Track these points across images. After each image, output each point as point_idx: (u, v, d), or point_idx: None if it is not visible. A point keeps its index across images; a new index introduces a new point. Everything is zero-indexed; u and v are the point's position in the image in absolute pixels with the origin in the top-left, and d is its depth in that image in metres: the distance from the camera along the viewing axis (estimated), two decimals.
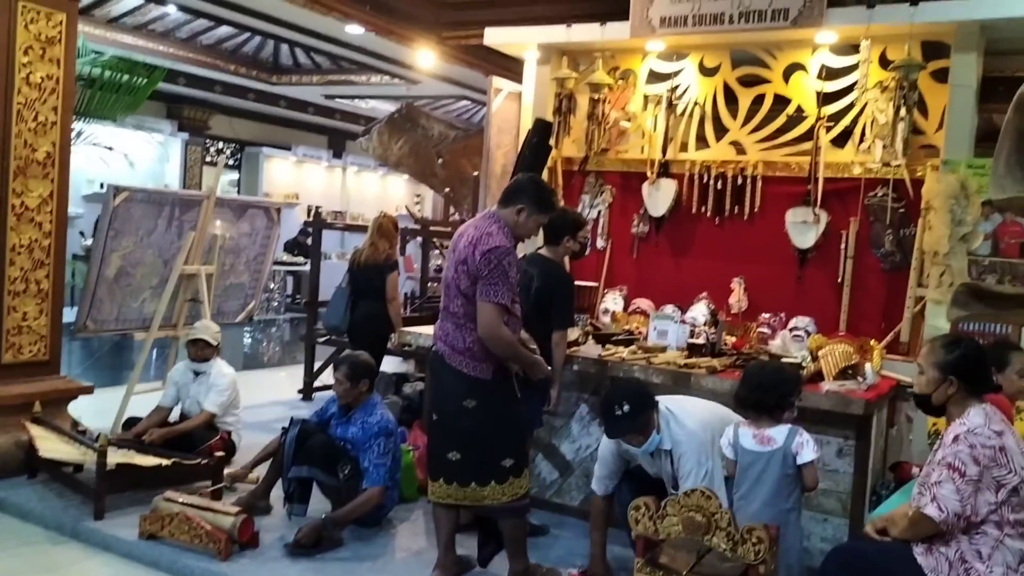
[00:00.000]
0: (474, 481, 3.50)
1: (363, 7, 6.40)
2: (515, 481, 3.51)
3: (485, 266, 3.36)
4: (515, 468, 3.52)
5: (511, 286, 3.41)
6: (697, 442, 3.35)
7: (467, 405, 3.50)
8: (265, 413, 6.65)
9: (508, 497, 3.50)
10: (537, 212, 3.54)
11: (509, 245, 3.43)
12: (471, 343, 3.46)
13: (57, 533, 4.14)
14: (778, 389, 3.21)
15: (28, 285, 4.74)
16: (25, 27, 4.56)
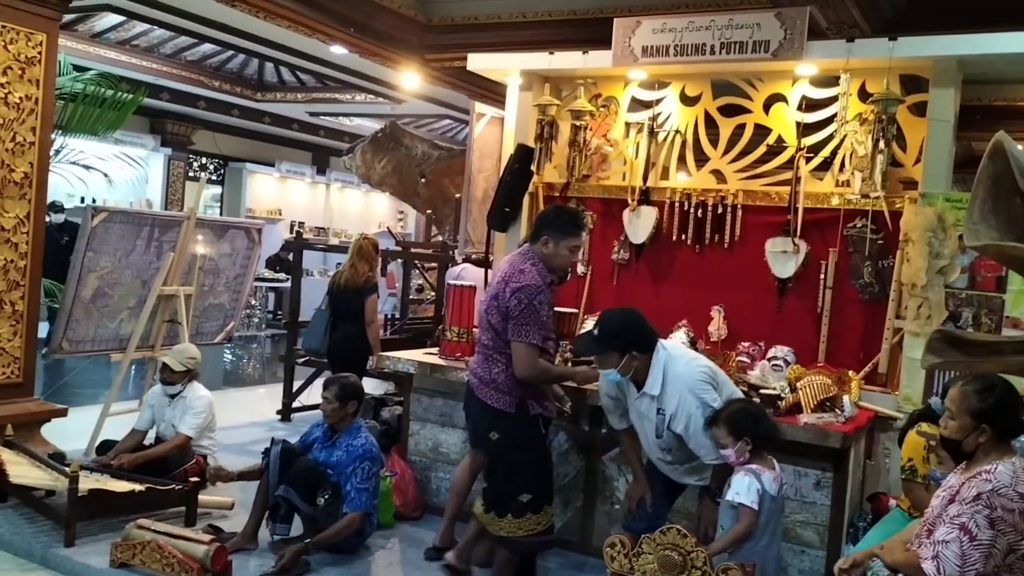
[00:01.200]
0: (494, 511, 3.64)
1: (347, 29, 6.40)
2: (532, 517, 3.59)
3: (516, 305, 3.49)
4: (533, 504, 3.59)
5: (542, 325, 3.52)
6: (688, 383, 3.29)
7: (491, 437, 3.66)
8: (242, 435, 6.58)
9: (524, 532, 3.60)
10: (562, 236, 3.62)
11: (541, 283, 3.55)
12: (496, 375, 3.60)
13: (27, 560, 4.06)
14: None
15: (3, 306, 4.70)
16: (4, 47, 4.54)
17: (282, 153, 15.89)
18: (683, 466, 3.44)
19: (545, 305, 3.56)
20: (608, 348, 3.32)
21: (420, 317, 7.69)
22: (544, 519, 3.64)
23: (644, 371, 3.32)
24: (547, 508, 3.67)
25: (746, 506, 3.04)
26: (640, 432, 3.51)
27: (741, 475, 3.12)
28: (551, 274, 3.66)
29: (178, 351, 5.12)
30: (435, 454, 4.96)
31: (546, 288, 3.60)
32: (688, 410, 3.24)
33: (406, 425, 5.11)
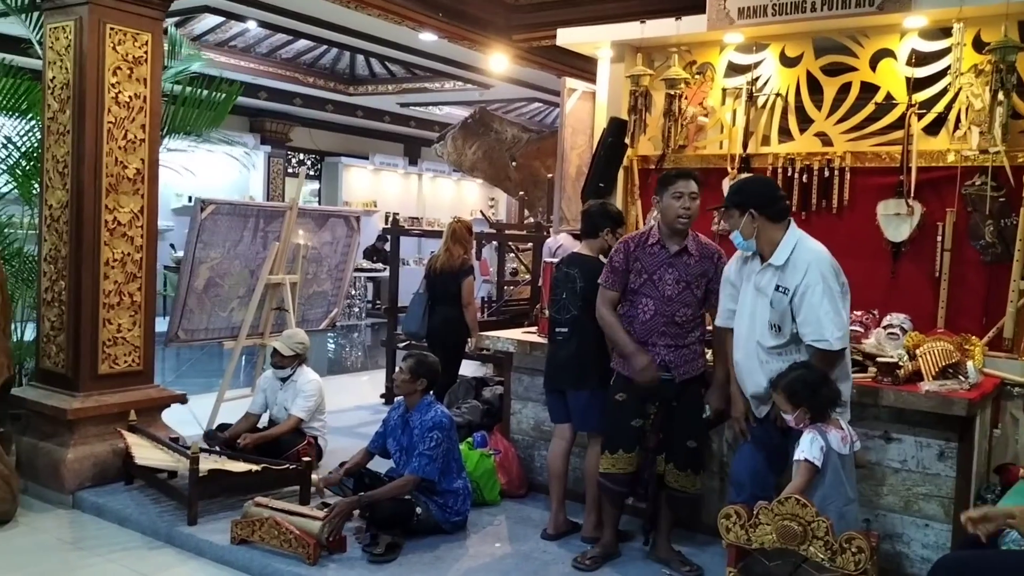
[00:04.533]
0: None
1: (435, 15, 6.43)
2: (603, 456, 3.91)
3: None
4: (605, 444, 3.92)
5: (615, 271, 3.85)
6: (818, 258, 3.27)
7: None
8: (349, 418, 6.76)
9: (602, 468, 3.92)
10: (663, 189, 3.81)
11: (628, 239, 3.90)
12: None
13: (153, 538, 4.26)
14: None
15: (122, 298, 4.90)
16: (113, 48, 4.72)
17: (375, 146, 16.18)
18: (780, 355, 3.34)
19: (621, 255, 3.84)
20: (729, 204, 3.44)
21: (516, 299, 7.70)
22: (604, 462, 3.87)
23: (770, 243, 3.34)
24: (608, 454, 3.87)
25: (808, 461, 2.97)
26: (746, 327, 3.44)
27: (807, 432, 3.06)
28: (671, 229, 3.79)
29: (287, 336, 5.27)
30: (537, 432, 4.95)
31: (635, 242, 3.85)
32: (810, 283, 3.22)
33: (507, 404, 5.12)
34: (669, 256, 3.81)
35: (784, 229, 3.34)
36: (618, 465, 3.84)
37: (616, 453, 3.84)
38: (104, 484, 4.72)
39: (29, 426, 4.89)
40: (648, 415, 3.82)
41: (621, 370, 3.86)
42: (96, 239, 4.75)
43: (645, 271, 3.80)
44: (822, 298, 3.17)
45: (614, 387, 3.90)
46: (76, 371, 4.77)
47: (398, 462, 4.31)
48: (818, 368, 3.14)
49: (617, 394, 3.87)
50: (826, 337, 3.17)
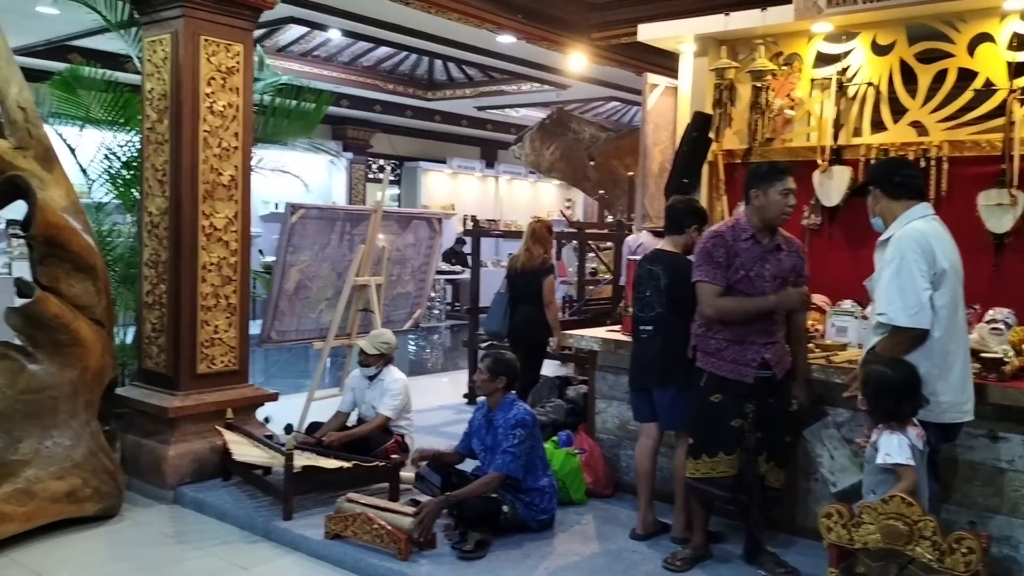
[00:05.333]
0: None
1: (514, 16, 6.46)
2: (692, 460, 3.83)
3: (696, 252, 3.81)
4: (692, 448, 3.84)
5: (718, 265, 3.68)
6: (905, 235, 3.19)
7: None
8: (433, 417, 6.84)
9: (687, 472, 3.87)
10: (769, 184, 3.71)
11: (724, 230, 3.77)
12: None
13: (250, 532, 4.39)
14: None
15: (218, 300, 5.07)
16: (207, 59, 4.89)
17: (453, 150, 16.36)
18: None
19: (722, 248, 3.69)
20: (865, 184, 3.53)
21: (597, 298, 7.66)
22: (702, 467, 3.77)
23: (890, 220, 3.31)
24: (705, 458, 3.75)
25: (903, 464, 2.88)
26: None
27: (887, 434, 2.96)
28: (767, 223, 3.72)
29: (373, 336, 5.36)
30: (623, 432, 4.92)
31: (732, 235, 3.73)
32: (889, 259, 3.17)
33: (592, 403, 5.10)
34: (763, 251, 3.73)
35: (905, 208, 3.28)
36: (719, 468, 3.73)
37: (716, 456, 3.73)
38: (203, 480, 4.89)
39: (132, 424, 5.10)
40: (746, 414, 3.72)
41: (714, 370, 3.74)
42: (194, 244, 4.93)
43: (743, 267, 3.69)
44: (895, 273, 3.12)
45: (707, 388, 3.76)
46: (176, 371, 4.96)
47: (483, 461, 4.34)
48: (898, 371, 3.03)
49: (712, 395, 3.74)
50: (885, 310, 3.12)
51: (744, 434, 3.73)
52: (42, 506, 4.19)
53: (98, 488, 4.41)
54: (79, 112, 5.91)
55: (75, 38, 9.18)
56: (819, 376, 3.98)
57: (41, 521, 4.19)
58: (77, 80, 5.83)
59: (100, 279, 4.59)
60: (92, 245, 4.59)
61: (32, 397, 4.24)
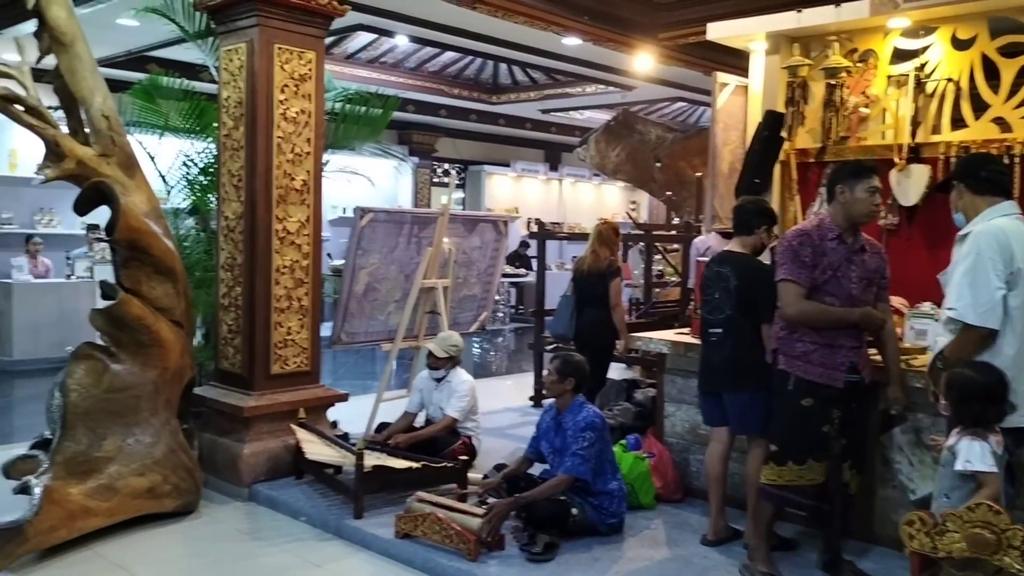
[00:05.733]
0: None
1: (580, 18, 6.45)
2: (774, 467, 3.69)
3: (778, 251, 3.69)
4: (775, 455, 3.69)
5: (803, 265, 3.56)
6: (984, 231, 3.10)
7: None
8: (499, 419, 6.86)
9: (765, 479, 3.70)
10: (856, 181, 3.61)
11: (808, 229, 3.65)
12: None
13: (323, 530, 4.47)
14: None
15: (291, 302, 5.18)
16: (281, 67, 5.00)
17: (516, 153, 16.40)
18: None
19: (808, 248, 3.57)
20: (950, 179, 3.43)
21: (664, 301, 7.59)
22: (787, 474, 3.64)
23: (972, 216, 3.23)
24: (792, 465, 3.62)
25: (985, 472, 2.80)
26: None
27: (969, 440, 2.86)
28: (852, 223, 3.63)
29: (441, 339, 5.41)
30: (693, 436, 4.86)
31: (818, 235, 3.60)
32: (964, 254, 3.08)
33: (660, 406, 5.06)
34: (849, 251, 3.62)
35: (990, 204, 3.18)
36: (807, 476, 3.61)
37: (804, 463, 3.60)
38: (276, 478, 5.00)
39: (209, 423, 5.24)
40: (833, 420, 3.59)
41: (802, 374, 3.60)
42: (268, 247, 5.04)
43: (830, 267, 3.58)
44: (969, 269, 3.02)
45: (796, 392, 3.61)
46: (251, 371, 5.08)
47: (552, 463, 4.33)
48: (985, 376, 2.92)
49: (802, 400, 3.59)
50: (955, 305, 3.03)
51: (831, 440, 3.61)
52: (124, 501, 4.33)
53: (177, 485, 4.54)
54: (158, 120, 6.12)
55: (153, 49, 9.49)
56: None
57: (123, 516, 4.33)
58: (156, 89, 6.03)
59: (180, 282, 4.73)
60: (172, 249, 4.74)
61: (115, 396, 4.39)
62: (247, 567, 4.06)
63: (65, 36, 4.46)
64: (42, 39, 4.53)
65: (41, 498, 3.94)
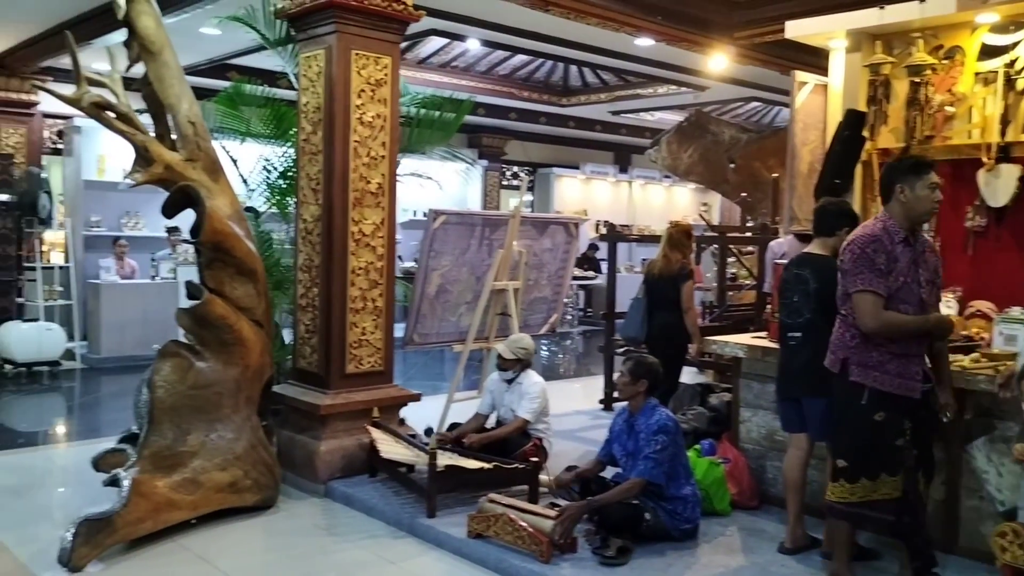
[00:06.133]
0: (830, 476, 3.66)
1: (654, 18, 6.41)
2: (845, 484, 3.50)
3: (848, 258, 3.48)
4: (847, 472, 3.50)
5: (880, 273, 3.41)
6: None
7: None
8: (570, 422, 6.85)
9: (835, 497, 3.53)
10: (916, 177, 3.48)
11: (877, 233, 3.47)
12: (832, 335, 3.62)
13: (396, 528, 4.53)
14: None
15: (366, 303, 5.27)
16: (358, 72, 5.09)
17: (586, 155, 16.36)
18: None
19: (882, 254, 3.41)
20: None
21: (739, 304, 7.47)
22: (860, 490, 3.48)
23: None
24: (865, 481, 3.47)
25: None
26: None
27: None
28: (914, 222, 3.51)
29: (511, 341, 5.43)
30: (770, 442, 4.77)
31: (888, 239, 3.44)
32: None
33: (736, 412, 4.98)
34: (915, 254, 3.50)
35: None
36: (881, 491, 3.46)
37: (877, 478, 3.46)
38: (351, 476, 5.09)
39: (287, 420, 5.36)
40: (905, 431, 3.47)
41: (878, 385, 3.44)
42: (344, 249, 5.14)
43: (902, 273, 3.44)
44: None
45: (870, 406, 3.45)
46: (327, 370, 5.18)
47: (624, 467, 4.31)
48: None
49: (876, 413, 3.44)
50: None
51: (904, 452, 3.49)
52: (207, 495, 4.46)
53: (257, 480, 4.66)
54: (240, 126, 6.30)
55: (233, 57, 9.78)
56: (986, 388, 3.73)
57: (206, 509, 4.47)
58: (239, 96, 6.22)
59: (260, 282, 4.86)
60: (253, 251, 4.87)
61: (199, 392, 4.53)
62: (325, 562, 4.14)
63: (154, 45, 4.64)
64: (131, 48, 4.71)
65: (129, 490, 4.09)
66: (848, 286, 3.48)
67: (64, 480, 5.74)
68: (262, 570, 4.11)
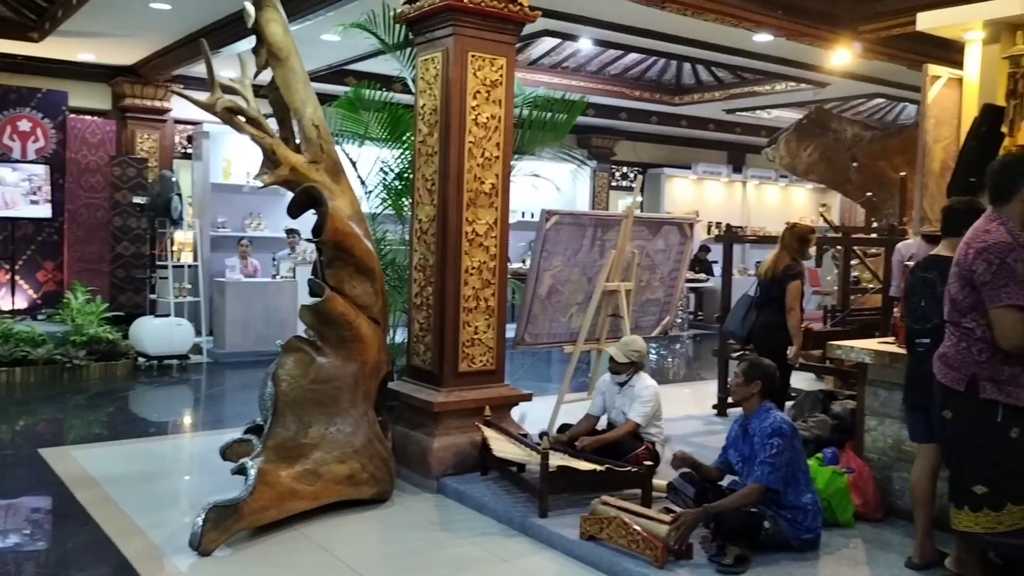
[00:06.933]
0: (952, 501, 3.35)
1: (774, 13, 6.22)
2: (991, 513, 3.20)
3: (985, 269, 3.19)
4: (990, 498, 3.21)
5: (1022, 285, 3.13)
6: None
7: (945, 416, 3.41)
8: (682, 427, 6.72)
9: (981, 528, 3.24)
10: None
11: (1011, 241, 3.18)
12: (947, 348, 3.39)
13: (508, 526, 4.55)
14: None
15: (479, 303, 5.32)
16: (473, 74, 5.15)
17: (698, 155, 16.09)
18: None
19: (1020, 263, 3.16)
20: None
21: (862, 308, 7.17)
22: (1008, 518, 3.22)
23: None
24: (1012, 507, 3.21)
25: None
26: None
27: None
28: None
29: (623, 343, 5.37)
30: (896, 452, 4.55)
31: (1019, 247, 3.20)
32: None
33: (860, 420, 4.77)
34: None
35: None
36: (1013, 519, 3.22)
37: (1020, 505, 3.21)
38: (462, 473, 5.14)
39: (401, 416, 5.47)
40: None
41: (1015, 401, 3.21)
42: (458, 249, 5.21)
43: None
44: None
45: (1005, 423, 3.21)
46: (440, 368, 5.26)
47: (740, 473, 4.19)
48: None
49: (1011, 430, 3.20)
50: None
51: None
52: (327, 487, 4.60)
53: (374, 474, 4.78)
54: (359, 129, 6.48)
55: (351, 63, 10.09)
56: None
57: (325, 500, 4.61)
58: (359, 100, 6.39)
59: (378, 281, 4.98)
60: (372, 250, 4.99)
61: (320, 387, 4.68)
62: (439, 557, 4.20)
63: (281, 51, 4.82)
64: (259, 55, 4.90)
65: (255, 479, 4.26)
66: (988, 300, 3.21)
67: (190, 468, 6.04)
68: (380, 561, 4.21)
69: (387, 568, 4.14)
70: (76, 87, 10.68)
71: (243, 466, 4.37)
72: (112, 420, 7.35)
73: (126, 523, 4.54)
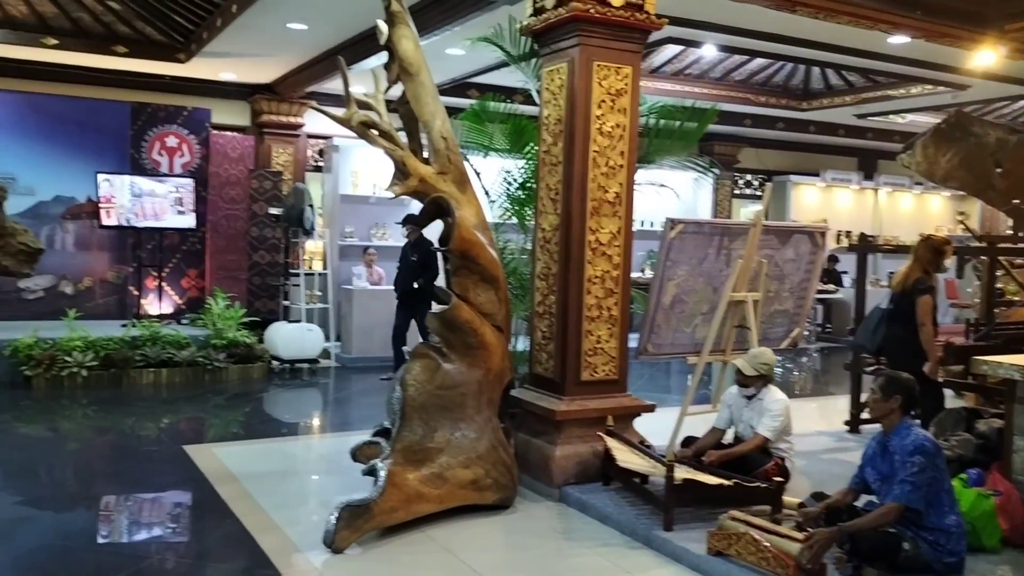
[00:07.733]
0: None
1: (913, 14, 5.95)
2: None
3: None
4: None
5: None
6: None
7: None
8: (811, 443, 6.50)
9: None
10: None
11: None
12: None
13: (631, 538, 4.51)
14: None
15: (601, 312, 5.31)
16: (599, 83, 5.16)
17: (826, 161, 15.52)
18: None
19: None
20: None
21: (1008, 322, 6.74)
22: None
23: None
24: None
25: None
26: None
27: None
28: None
29: (752, 356, 5.23)
30: None
31: None
32: None
33: (1009, 440, 4.48)
34: None
35: None
36: None
37: None
38: (584, 482, 5.13)
39: (523, 424, 5.51)
40: None
41: None
42: (581, 258, 5.22)
43: None
44: None
45: None
46: (563, 377, 5.28)
47: (878, 492, 4.01)
48: None
49: None
50: None
51: None
52: (451, 490, 4.68)
53: (497, 479, 4.83)
54: (484, 140, 6.60)
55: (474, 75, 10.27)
56: None
57: (450, 504, 4.69)
58: (484, 112, 6.51)
59: (501, 289, 5.04)
60: (496, 259, 5.06)
61: (445, 392, 4.78)
62: (562, 565, 4.21)
63: (412, 66, 4.96)
64: (390, 70, 5.07)
65: (385, 481, 4.39)
66: None
67: (319, 468, 6.28)
68: (504, 566, 4.25)
69: (512, 575, 4.17)
70: (218, 105, 11.32)
71: (373, 467, 4.51)
72: (248, 420, 7.73)
73: (263, 518, 4.77)
